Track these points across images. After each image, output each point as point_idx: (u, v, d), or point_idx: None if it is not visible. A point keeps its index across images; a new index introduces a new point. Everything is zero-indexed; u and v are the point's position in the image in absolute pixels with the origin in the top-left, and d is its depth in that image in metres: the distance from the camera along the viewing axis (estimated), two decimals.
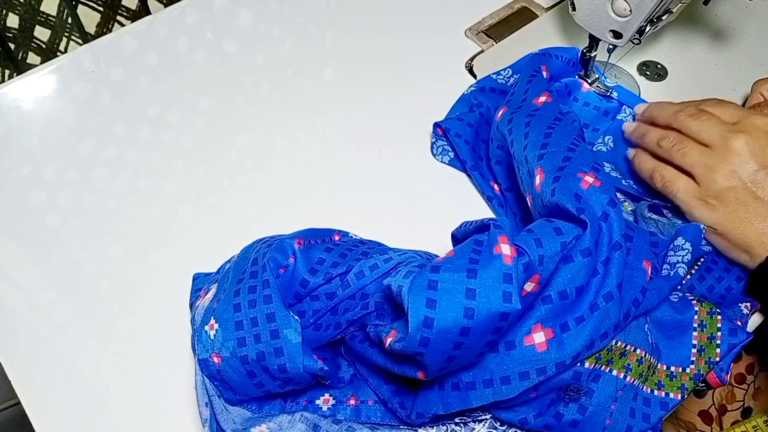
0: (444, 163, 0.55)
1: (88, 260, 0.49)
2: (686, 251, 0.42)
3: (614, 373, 0.38)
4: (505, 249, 0.34)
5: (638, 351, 0.39)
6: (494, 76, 0.57)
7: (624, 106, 0.55)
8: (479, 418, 0.40)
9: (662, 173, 0.47)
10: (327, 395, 0.41)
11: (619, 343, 0.39)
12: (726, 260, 0.46)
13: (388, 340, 0.35)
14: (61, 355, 0.45)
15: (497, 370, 0.35)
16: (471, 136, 0.53)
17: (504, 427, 0.40)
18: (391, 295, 0.35)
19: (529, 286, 0.35)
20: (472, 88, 0.56)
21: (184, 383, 0.43)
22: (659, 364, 0.42)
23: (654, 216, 0.47)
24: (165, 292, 0.47)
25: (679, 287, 0.45)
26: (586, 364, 0.37)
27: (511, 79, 0.56)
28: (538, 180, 0.41)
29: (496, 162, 0.51)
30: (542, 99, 0.46)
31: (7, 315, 0.47)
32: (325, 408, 0.41)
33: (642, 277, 0.39)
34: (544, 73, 0.51)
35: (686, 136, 0.48)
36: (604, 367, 0.38)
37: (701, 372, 0.41)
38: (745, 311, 0.44)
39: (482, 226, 0.37)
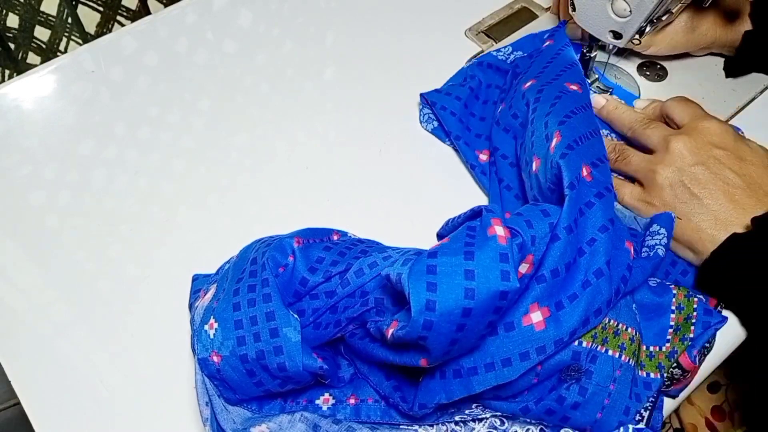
0: (428, 131, 0.56)
1: (88, 260, 0.49)
2: (662, 235, 0.43)
3: (610, 353, 0.39)
4: (499, 230, 0.34)
5: (629, 330, 0.40)
6: (495, 53, 0.58)
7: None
8: (479, 417, 0.39)
9: None
10: (327, 395, 0.41)
11: (612, 322, 0.39)
12: (672, 254, 0.47)
13: (390, 331, 0.35)
14: (61, 355, 0.45)
15: (498, 352, 0.36)
16: (459, 108, 0.54)
17: (504, 427, 0.40)
18: (391, 285, 0.36)
19: (523, 268, 0.36)
20: (471, 62, 0.57)
21: (184, 383, 0.43)
22: (642, 345, 0.42)
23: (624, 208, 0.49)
24: (165, 292, 0.47)
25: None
26: (584, 343, 0.38)
27: (511, 56, 0.57)
28: (554, 142, 0.42)
29: (504, 129, 0.51)
30: (573, 87, 0.47)
31: (7, 315, 0.47)
32: (325, 408, 0.41)
33: (626, 256, 0.40)
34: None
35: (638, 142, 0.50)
36: (600, 347, 0.39)
37: (676, 349, 0.42)
38: None
39: (473, 215, 0.38)
